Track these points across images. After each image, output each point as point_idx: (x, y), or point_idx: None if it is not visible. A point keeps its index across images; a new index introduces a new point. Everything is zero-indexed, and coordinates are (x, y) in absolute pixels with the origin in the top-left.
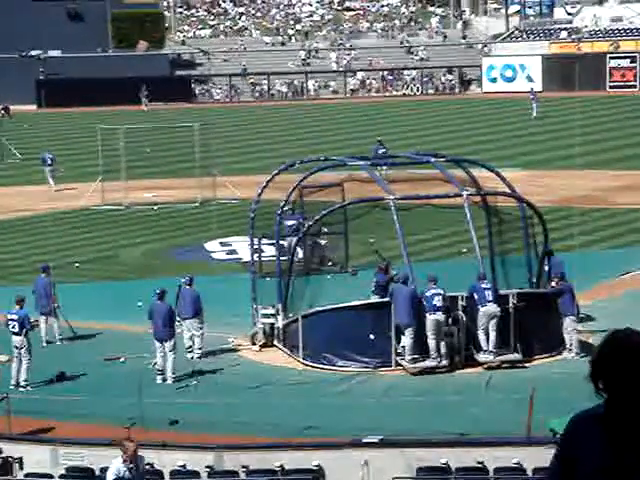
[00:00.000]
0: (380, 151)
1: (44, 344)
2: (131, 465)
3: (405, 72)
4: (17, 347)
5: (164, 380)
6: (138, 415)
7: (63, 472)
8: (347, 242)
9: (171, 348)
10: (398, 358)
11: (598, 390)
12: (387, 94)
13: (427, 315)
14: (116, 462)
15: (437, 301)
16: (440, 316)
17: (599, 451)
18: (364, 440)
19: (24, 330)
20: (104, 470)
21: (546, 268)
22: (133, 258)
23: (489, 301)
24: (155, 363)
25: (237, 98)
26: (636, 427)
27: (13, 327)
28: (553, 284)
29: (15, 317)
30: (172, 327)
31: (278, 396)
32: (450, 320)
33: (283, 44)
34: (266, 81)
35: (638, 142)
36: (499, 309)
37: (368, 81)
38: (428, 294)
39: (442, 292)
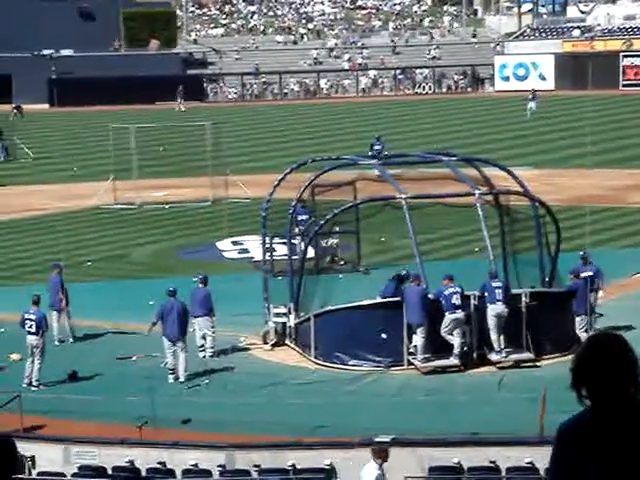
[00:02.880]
0: (376, 147)
1: (56, 342)
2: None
3: (417, 71)
4: (32, 347)
5: (176, 379)
6: (150, 414)
7: (75, 471)
8: (359, 241)
9: (182, 347)
10: (410, 357)
11: (581, 397)
12: (399, 93)
13: (446, 314)
14: (370, 467)
15: (456, 300)
16: (460, 314)
17: (591, 459)
18: (376, 439)
19: (41, 331)
20: (116, 469)
21: (587, 274)
22: (145, 257)
23: (498, 300)
24: (167, 362)
25: (249, 97)
26: (624, 433)
27: (30, 327)
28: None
29: (33, 317)
30: (183, 326)
31: (289, 395)
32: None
33: (295, 43)
34: (278, 80)
35: None
36: (506, 309)
37: (380, 80)
38: (446, 293)
39: (460, 290)
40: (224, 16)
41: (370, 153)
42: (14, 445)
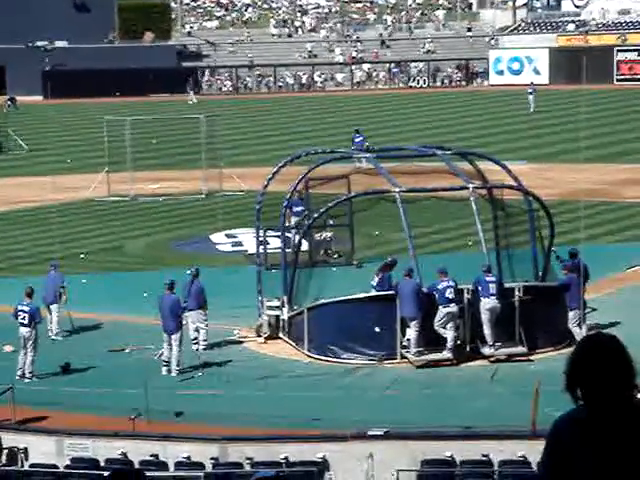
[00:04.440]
0: (357, 140)
1: (53, 337)
2: None
3: (412, 64)
4: (25, 338)
5: (169, 371)
6: (143, 406)
7: (68, 463)
8: (352, 234)
9: (177, 340)
10: (403, 351)
11: (576, 398)
12: (394, 86)
13: (440, 308)
14: None
15: (449, 293)
16: (454, 308)
17: (583, 455)
18: (369, 432)
19: (33, 323)
20: (109, 461)
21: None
22: (138, 249)
23: (491, 294)
24: (161, 354)
25: (243, 90)
26: (618, 431)
27: (23, 319)
28: (563, 275)
29: (26, 309)
30: (178, 319)
31: (283, 388)
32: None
33: (290, 36)
34: (272, 73)
35: None
36: (499, 304)
37: (375, 73)
38: (440, 287)
39: (454, 284)
40: (219, 8)
41: (353, 147)
42: None
